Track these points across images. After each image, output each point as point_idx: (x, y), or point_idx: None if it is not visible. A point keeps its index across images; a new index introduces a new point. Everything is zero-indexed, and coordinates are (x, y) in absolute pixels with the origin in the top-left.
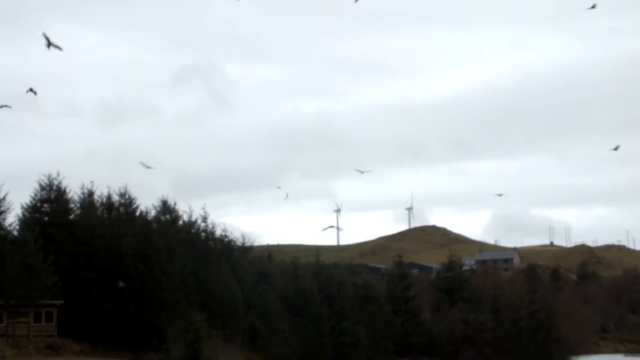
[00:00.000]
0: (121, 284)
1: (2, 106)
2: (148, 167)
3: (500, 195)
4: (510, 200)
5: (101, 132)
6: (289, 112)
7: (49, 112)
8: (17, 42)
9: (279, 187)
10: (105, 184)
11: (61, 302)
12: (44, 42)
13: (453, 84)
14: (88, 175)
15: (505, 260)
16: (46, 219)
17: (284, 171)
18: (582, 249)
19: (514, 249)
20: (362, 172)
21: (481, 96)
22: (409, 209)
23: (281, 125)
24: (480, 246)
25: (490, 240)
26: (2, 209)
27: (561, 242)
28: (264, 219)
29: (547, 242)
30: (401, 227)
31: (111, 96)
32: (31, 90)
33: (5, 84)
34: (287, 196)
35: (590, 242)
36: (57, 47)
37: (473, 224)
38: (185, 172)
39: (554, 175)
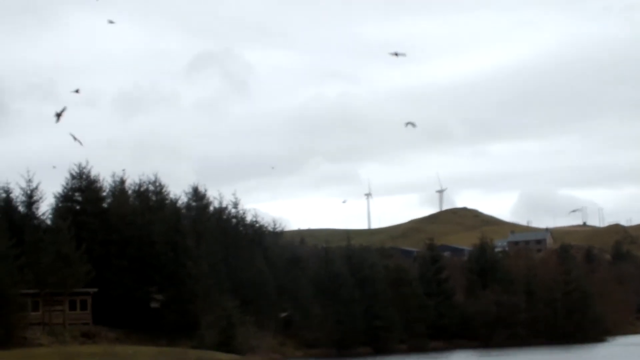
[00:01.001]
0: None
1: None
2: (76, 140)
3: (575, 211)
4: (536, 181)
5: (121, 121)
6: (309, 97)
7: (67, 102)
8: (32, 32)
9: (272, 167)
10: (128, 173)
11: (95, 290)
12: None
13: (473, 66)
14: (110, 164)
15: (538, 241)
16: (78, 207)
17: (306, 156)
18: (616, 228)
19: (547, 230)
20: (397, 55)
21: (502, 78)
22: (440, 192)
23: (301, 110)
24: (512, 227)
25: (522, 221)
26: (35, 198)
27: (594, 222)
28: (289, 205)
29: (580, 223)
30: (428, 210)
31: (129, 85)
32: (77, 91)
33: (22, 75)
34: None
35: (624, 222)
36: None
37: (500, 206)
38: (208, 159)
39: (579, 155)
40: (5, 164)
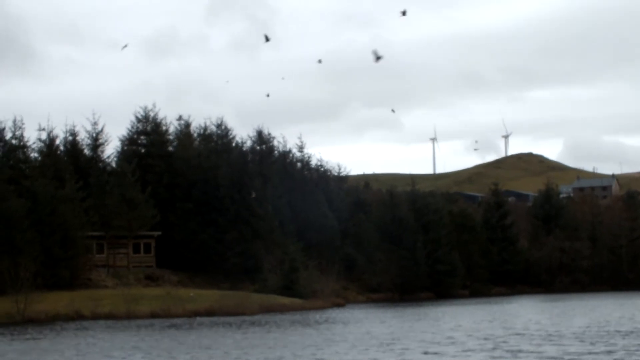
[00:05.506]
0: None
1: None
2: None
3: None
4: (581, 128)
5: (151, 65)
6: (339, 42)
7: (95, 47)
8: None
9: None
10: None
11: (159, 233)
12: None
13: (519, 12)
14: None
15: (604, 188)
16: (143, 150)
17: (343, 102)
18: None
19: (613, 176)
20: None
21: (548, 23)
22: (506, 137)
23: (334, 56)
24: (578, 173)
25: (588, 167)
26: (100, 141)
27: None
28: (332, 150)
29: None
30: (474, 157)
31: (151, 29)
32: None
33: (46, 18)
34: None
35: None
36: None
37: (547, 152)
38: (244, 104)
39: (624, 101)
40: (71, 107)
